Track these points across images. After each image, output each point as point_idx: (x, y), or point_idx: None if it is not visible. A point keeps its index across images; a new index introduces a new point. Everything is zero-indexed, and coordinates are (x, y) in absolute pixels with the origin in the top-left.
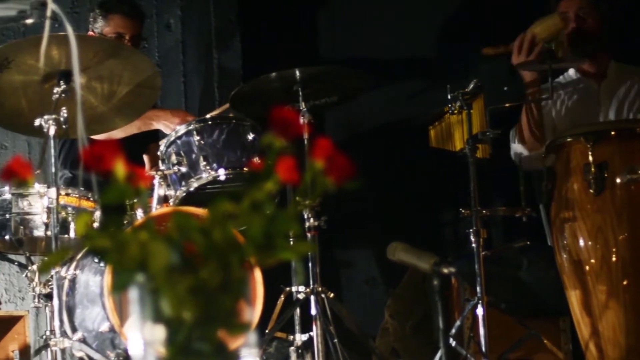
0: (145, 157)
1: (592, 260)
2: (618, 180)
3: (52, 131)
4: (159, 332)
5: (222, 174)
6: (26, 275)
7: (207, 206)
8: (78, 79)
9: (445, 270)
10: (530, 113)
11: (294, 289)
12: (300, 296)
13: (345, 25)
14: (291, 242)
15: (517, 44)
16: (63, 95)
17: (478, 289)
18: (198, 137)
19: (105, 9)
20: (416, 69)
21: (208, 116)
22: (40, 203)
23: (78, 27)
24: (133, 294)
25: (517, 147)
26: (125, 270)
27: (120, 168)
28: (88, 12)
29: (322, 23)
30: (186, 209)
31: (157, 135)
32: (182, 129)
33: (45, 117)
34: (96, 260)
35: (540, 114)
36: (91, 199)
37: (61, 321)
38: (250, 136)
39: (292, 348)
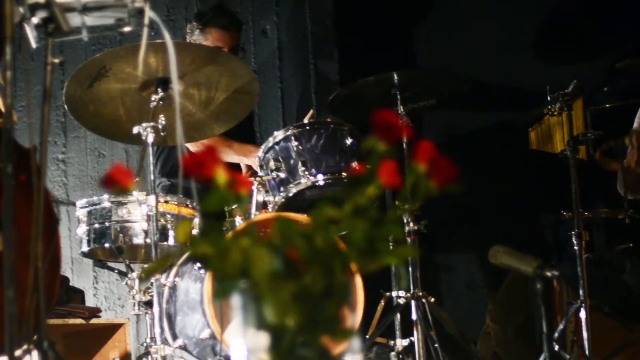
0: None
1: None
2: None
3: (150, 139)
4: (262, 339)
5: (320, 179)
6: (126, 283)
7: (307, 212)
8: (176, 86)
9: (549, 274)
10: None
11: (394, 294)
12: (401, 301)
13: (442, 28)
14: (392, 247)
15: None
16: (161, 102)
17: (581, 292)
18: (296, 143)
19: (203, 23)
20: (514, 70)
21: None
22: (139, 211)
23: (174, 35)
24: (235, 300)
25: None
26: (227, 277)
27: (221, 174)
28: (183, 19)
29: (418, 27)
30: (288, 215)
31: (254, 135)
32: (280, 135)
33: (144, 124)
34: (196, 267)
35: None
36: (190, 206)
37: (162, 328)
38: (349, 141)
39: (392, 353)
